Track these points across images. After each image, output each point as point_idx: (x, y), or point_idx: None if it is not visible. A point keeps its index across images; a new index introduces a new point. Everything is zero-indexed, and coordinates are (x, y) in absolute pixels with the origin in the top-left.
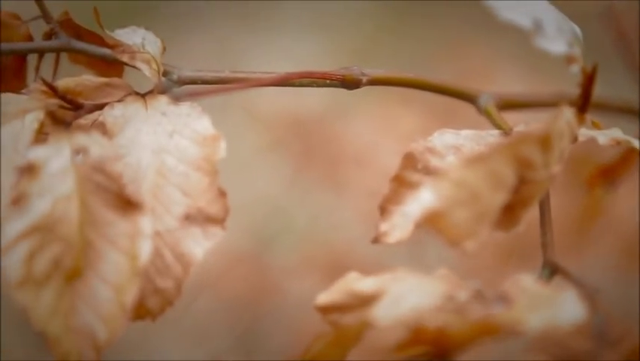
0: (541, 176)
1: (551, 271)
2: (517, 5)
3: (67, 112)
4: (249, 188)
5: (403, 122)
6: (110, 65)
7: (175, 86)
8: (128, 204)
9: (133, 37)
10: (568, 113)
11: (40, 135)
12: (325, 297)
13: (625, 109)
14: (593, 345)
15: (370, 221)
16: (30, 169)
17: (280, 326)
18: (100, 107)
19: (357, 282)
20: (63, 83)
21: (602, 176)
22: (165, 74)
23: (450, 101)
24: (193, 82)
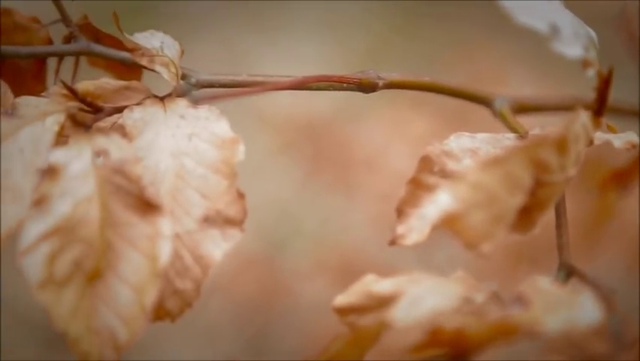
0: (558, 179)
1: (567, 273)
2: (533, 8)
3: (88, 115)
4: (260, 191)
5: (413, 125)
6: (129, 69)
7: (193, 89)
8: (147, 206)
9: (151, 40)
10: (584, 116)
11: (61, 138)
12: (342, 299)
13: (636, 112)
14: (609, 347)
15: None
16: (51, 171)
17: (291, 328)
18: (119, 110)
19: (375, 284)
20: (83, 86)
21: (614, 180)
22: (183, 78)
23: (459, 104)
24: (211, 85)
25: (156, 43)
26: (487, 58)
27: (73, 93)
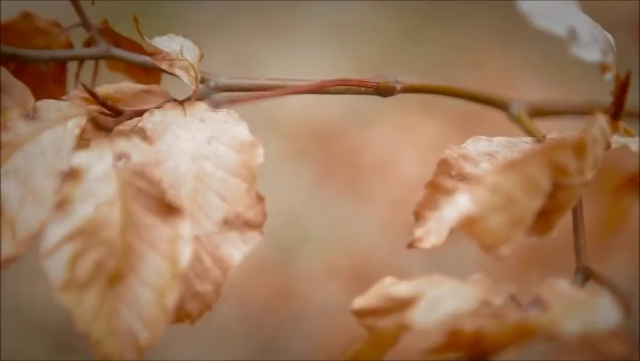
0: (576, 182)
1: (585, 275)
2: (552, 12)
3: (108, 118)
4: (271, 196)
5: (423, 131)
6: (148, 72)
7: (212, 93)
8: (168, 209)
9: (171, 44)
10: (602, 120)
11: (82, 141)
12: (361, 301)
13: None
14: (627, 349)
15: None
16: (73, 174)
17: (301, 333)
18: (139, 113)
19: (393, 286)
20: (103, 89)
21: (629, 184)
22: (203, 81)
23: (469, 109)
24: (229, 89)
25: (176, 47)
26: (496, 62)
27: (94, 97)
